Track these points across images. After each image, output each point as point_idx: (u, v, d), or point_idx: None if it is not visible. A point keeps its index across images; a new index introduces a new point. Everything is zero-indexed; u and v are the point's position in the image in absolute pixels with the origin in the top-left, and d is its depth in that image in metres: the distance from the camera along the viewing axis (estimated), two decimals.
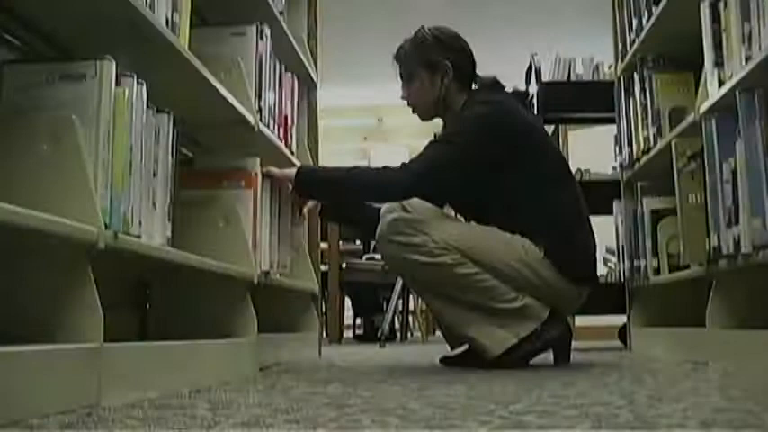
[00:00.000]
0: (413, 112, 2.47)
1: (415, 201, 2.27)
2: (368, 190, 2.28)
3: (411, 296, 5.45)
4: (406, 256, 2.20)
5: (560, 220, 2.27)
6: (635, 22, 3.05)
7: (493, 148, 2.23)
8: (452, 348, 2.42)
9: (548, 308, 2.21)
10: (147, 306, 2.13)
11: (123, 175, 1.42)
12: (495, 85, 2.42)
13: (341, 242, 5.25)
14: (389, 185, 2.22)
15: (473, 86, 2.42)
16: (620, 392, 1.38)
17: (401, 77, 2.45)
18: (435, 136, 2.45)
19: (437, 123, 2.54)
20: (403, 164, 2.23)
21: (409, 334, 5.89)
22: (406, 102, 2.46)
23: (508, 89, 2.47)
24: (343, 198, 2.41)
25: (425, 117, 2.47)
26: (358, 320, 6.17)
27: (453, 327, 2.27)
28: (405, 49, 2.43)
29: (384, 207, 2.29)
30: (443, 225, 2.23)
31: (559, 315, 2.24)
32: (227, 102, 2.03)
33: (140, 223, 1.51)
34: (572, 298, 2.30)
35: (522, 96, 2.42)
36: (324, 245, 4.72)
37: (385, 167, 2.24)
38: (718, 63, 2.14)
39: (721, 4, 2.12)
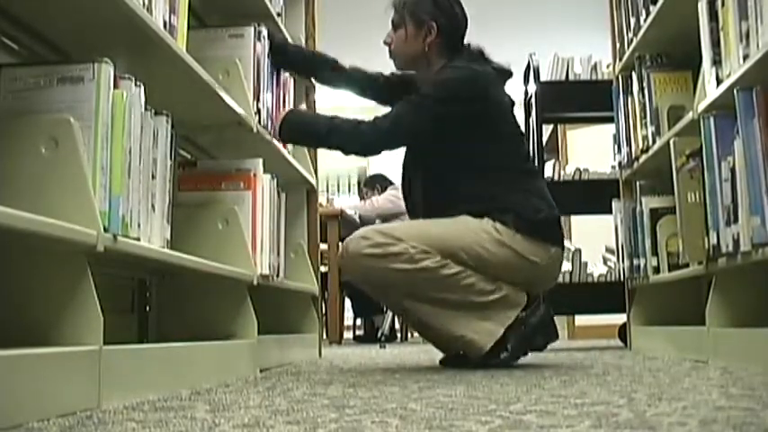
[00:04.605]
0: (390, 57, 2.51)
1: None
2: (342, 142, 2.35)
3: None
4: (386, 266, 2.18)
5: (524, 194, 2.30)
6: (633, 21, 3.06)
7: (455, 110, 2.27)
8: (445, 353, 2.41)
9: (524, 293, 2.26)
10: (147, 308, 2.13)
11: (122, 178, 1.42)
12: (478, 55, 2.44)
13: (340, 242, 5.23)
14: (360, 140, 2.32)
15: (457, 52, 2.43)
16: (621, 391, 1.39)
17: (392, 22, 2.49)
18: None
19: None
20: (375, 118, 2.31)
21: (409, 335, 5.89)
22: (387, 46, 2.49)
23: (496, 64, 2.46)
24: (320, 146, 2.56)
25: (401, 67, 2.52)
26: (358, 321, 6.18)
27: (441, 329, 2.24)
28: None
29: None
30: (413, 229, 2.25)
31: (536, 297, 2.30)
32: (226, 103, 2.03)
33: (139, 225, 1.51)
34: (549, 265, 2.31)
35: (505, 74, 2.43)
36: (323, 246, 4.72)
37: (360, 122, 2.33)
38: (716, 61, 2.14)
39: (719, 3, 2.12)
